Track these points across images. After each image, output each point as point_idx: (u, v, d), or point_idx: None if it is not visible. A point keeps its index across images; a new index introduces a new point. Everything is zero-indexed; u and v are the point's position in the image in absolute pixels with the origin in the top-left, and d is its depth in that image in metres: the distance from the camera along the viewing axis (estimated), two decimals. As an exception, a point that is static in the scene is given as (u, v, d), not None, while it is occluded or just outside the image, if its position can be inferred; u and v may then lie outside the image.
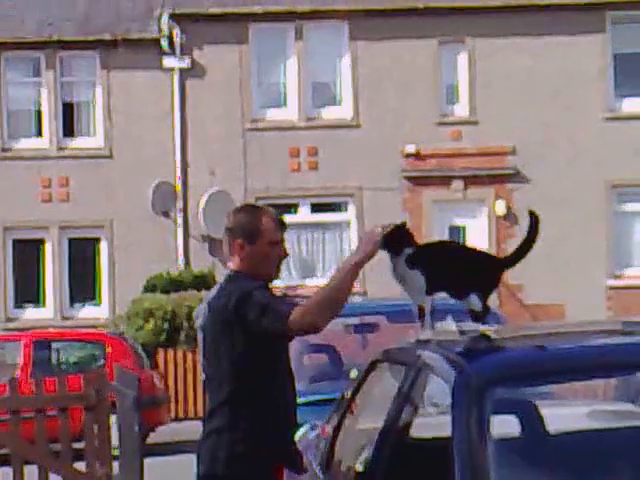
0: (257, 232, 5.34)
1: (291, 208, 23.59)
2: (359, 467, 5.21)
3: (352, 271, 4.99)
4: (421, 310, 5.02)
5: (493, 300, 5.59)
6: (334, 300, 5.01)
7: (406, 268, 4.98)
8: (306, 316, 4.99)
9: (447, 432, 4.21)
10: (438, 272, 4.95)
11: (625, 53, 24.43)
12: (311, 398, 8.01)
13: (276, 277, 5.40)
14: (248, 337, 5.14)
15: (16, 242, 24.08)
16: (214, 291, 5.48)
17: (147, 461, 10.90)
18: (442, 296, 5.00)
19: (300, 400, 5.96)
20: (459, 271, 4.94)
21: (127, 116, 23.86)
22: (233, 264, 5.40)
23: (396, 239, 4.98)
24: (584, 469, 4.18)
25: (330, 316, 5.03)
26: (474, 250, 5.27)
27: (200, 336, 5.52)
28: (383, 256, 5.12)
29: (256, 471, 5.21)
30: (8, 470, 11.93)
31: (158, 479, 11.48)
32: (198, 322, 5.54)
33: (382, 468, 4.81)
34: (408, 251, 4.99)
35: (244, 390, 5.22)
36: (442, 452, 4.16)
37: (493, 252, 22.03)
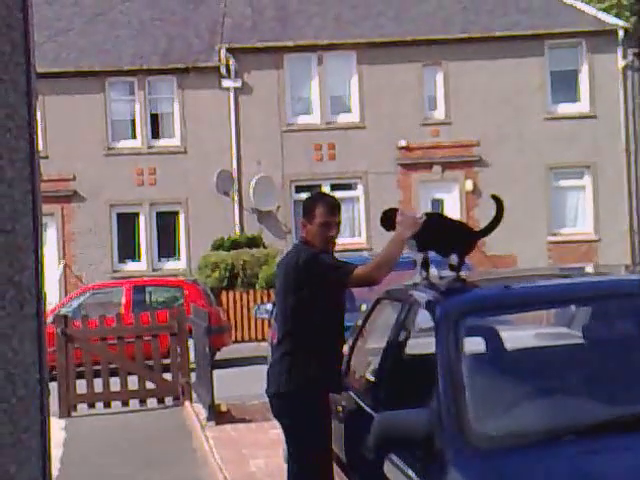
0: (312, 215, 5.21)
1: (316, 188, 23.53)
2: (369, 376, 5.18)
3: (400, 243, 4.95)
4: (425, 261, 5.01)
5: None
6: (387, 263, 4.94)
7: None
8: (368, 273, 4.93)
9: (432, 350, 4.18)
10: (426, 238, 4.92)
11: (559, 70, 24.25)
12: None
13: (327, 250, 5.19)
14: (312, 287, 5.02)
15: (119, 215, 24.13)
16: (287, 253, 5.37)
17: (215, 372, 10.93)
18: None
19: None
20: (446, 238, 4.91)
21: (197, 123, 23.83)
22: (302, 235, 5.33)
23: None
24: (532, 376, 4.15)
25: (384, 274, 4.96)
26: (459, 223, 5.25)
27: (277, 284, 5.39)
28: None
29: (309, 390, 5.05)
30: (116, 379, 12.02)
31: (223, 385, 11.50)
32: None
33: (385, 376, 4.79)
34: None
35: (302, 326, 5.09)
36: (428, 364, 4.14)
37: (463, 219, 21.98)
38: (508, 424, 3.78)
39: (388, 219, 5.04)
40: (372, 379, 5.03)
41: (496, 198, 5.06)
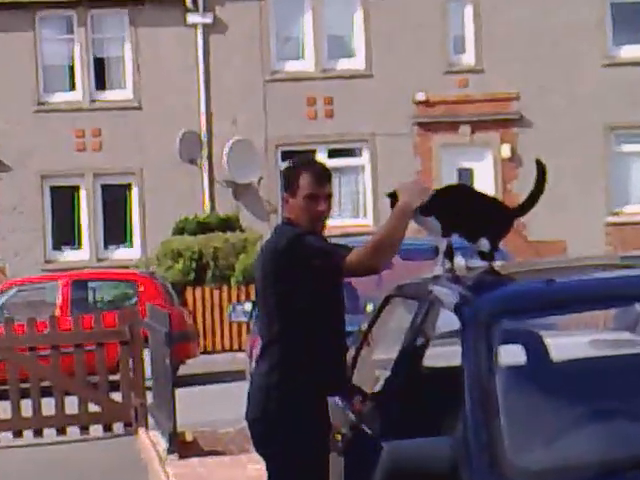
0: (296, 186, 5.17)
1: (308, 154, 23.51)
2: (376, 395, 5.21)
3: (398, 216, 4.90)
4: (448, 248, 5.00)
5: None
6: (386, 243, 4.90)
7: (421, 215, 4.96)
8: (363, 259, 4.90)
9: (457, 361, 4.20)
10: (452, 218, 4.91)
11: (622, 2, 24.24)
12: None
13: (315, 231, 5.14)
14: (296, 278, 5.00)
15: (53, 189, 24.13)
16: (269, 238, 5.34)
17: (178, 391, 10.95)
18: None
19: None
20: (473, 218, 4.90)
21: (154, 70, 23.81)
22: (285, 213, 5.34)
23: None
24: (586, 394, 4.18)
25: (385, 258, 4.94)
26: (489, 198, 5.21)
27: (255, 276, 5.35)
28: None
29: (307, 408, 5.04)
30: (50, 400, 12.05)
31: (188, 408, 11.53)
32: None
33: (396, 395, 4.82)
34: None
35: (289, 330, 5.07)
36: (452, 380, 4.16)
37: (499, 193, 22.01)
38: (554, 456, 3.81)
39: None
40: (380, 399, 5.06)
41: (539, 163, 5.07)
